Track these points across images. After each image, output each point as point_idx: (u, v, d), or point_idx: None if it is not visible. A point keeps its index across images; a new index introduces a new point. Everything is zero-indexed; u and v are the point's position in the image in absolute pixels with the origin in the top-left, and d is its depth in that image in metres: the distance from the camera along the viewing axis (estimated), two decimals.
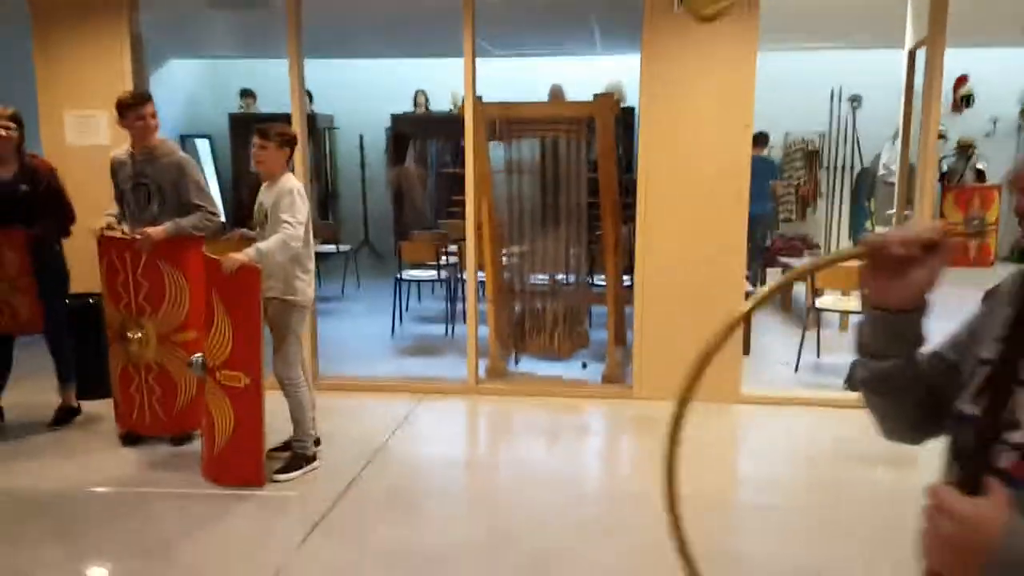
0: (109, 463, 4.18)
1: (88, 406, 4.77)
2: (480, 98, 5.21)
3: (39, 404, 4.73)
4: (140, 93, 4.27)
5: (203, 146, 9.98)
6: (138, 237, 4.08)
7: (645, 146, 4.90)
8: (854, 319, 5.61)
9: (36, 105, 5.31)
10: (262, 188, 3.99)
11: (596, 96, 5.16)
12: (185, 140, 9.63)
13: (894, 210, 5.84)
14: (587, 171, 5.41)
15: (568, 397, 5.26)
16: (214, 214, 4.20)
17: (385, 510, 3.72)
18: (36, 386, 4.89)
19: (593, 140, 5.34)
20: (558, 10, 6.01)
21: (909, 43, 5.30)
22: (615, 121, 5.28)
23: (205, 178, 4.41)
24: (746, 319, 4.49)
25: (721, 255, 4.86)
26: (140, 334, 4.26)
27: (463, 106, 5.20)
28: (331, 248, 8.57)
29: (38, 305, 4.42)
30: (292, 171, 4.03)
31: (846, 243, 9.58)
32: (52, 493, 3.82)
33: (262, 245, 3.73)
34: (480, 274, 5.67)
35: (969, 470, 0.91)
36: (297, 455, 4.06)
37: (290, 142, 3.93)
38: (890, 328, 1.10)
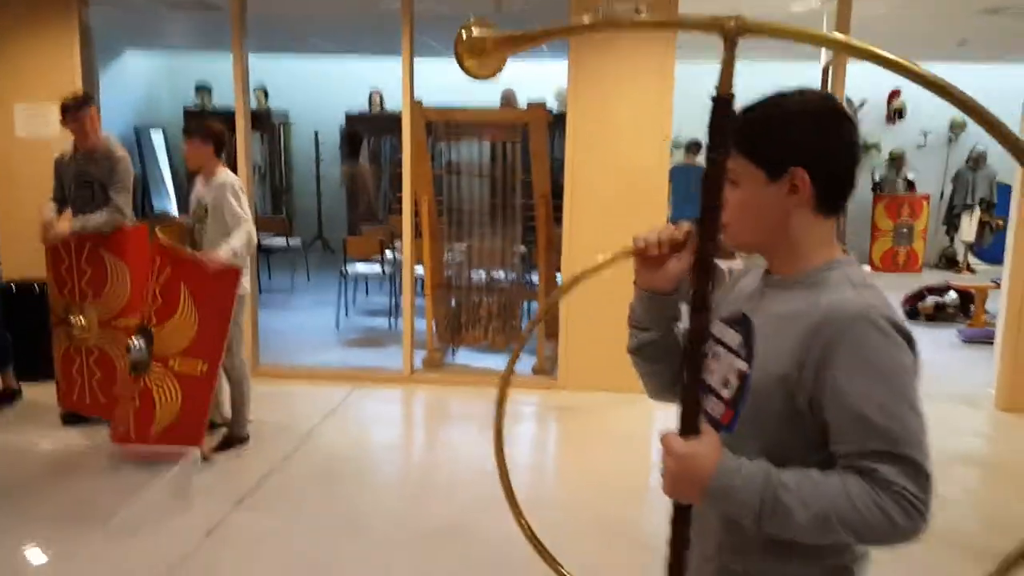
0: (49, 438, 4.38)
1: (32, 390, 4.94)
2: (420, 101, 5.48)
3: None
4: (80, 96, 4.37)
5: (157, 138, 10.10)
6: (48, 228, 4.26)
7: (572, 151, 5.19)
8: None
9: None
10: (197, 182, 4.21)
11: (529, 104, 5.45)
12: (140, 132, 9.76)
13: None
14: (522, 174, 5.70)
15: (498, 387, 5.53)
16: (122, 213, 4.29)
17: (311, 485, 3.98)
18: None
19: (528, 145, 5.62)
20: (499, 15, 6.29)
21: (823, 60, 5.65)
22: (556, 127, 5.58)
23: (135, 179, 4.51)
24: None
25: None
26: (82, 318, 4.46)
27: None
28: (282, 242, 8.74)
29: None
30: (228, 166, 4.24)
31: None
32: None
33: (235, 244, 3.93)
34: (421, 269, 5.93)
35: (687, 418, 1.19)
36: (232, 435, 4.29)
37: (213, 136, 4.11)
38: (653, 306, 1.38)
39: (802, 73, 6.35)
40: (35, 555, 3.37)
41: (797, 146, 1.19)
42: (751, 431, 1.21)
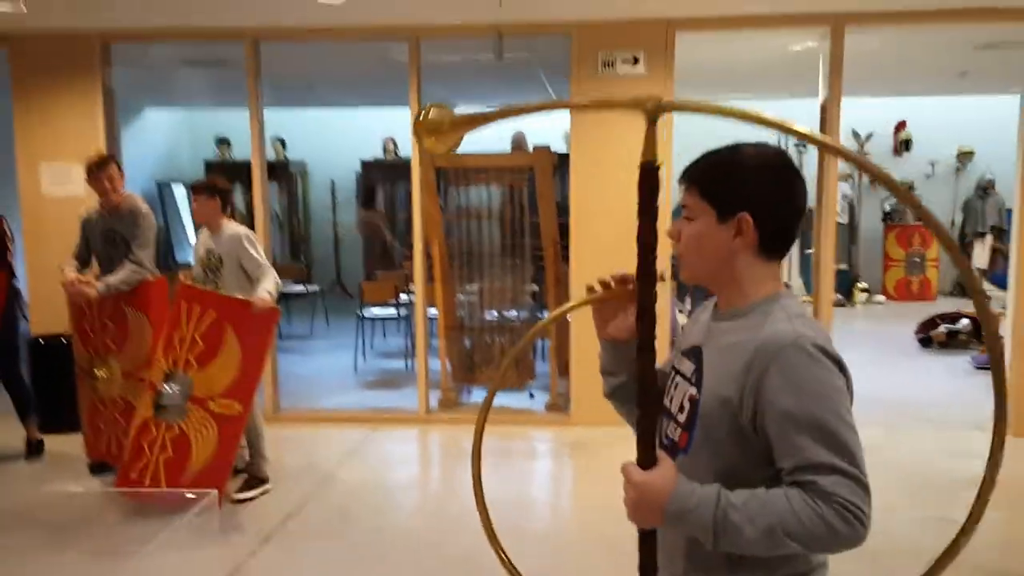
0: (77, 486, 4.54)
1: (60, 441, 5.09)
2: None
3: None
4: (102, 157, 4.56)
5: (179, 192, 10.39)
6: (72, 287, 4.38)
7: (576, 192, 5.34)
8: None
9: (14, 156, 5.68)
10: (204, 236, 4.40)
11: (535, 148, 5.62)
12: (162, 186, 10.04)
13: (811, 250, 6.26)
14: (531, 215, 5.86)
15: (513, 425, 5.63)
16: (143, 266, 4.45)
17: (330, 526, 4.08)
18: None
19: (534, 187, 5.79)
20: (505, 66, 6.49)
21: (821, 97, 5.78)
22: (563, 169, 5.75)
23: (158, 232, 4.65)
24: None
25: None
26: (106, 371, 4.62)
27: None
28: (300, 288, 8.93)
29: None
30: (235, 217, 4.45)
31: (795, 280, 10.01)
32: (28, 508, 4.19)
33: (269, 287, 4.14)
34: (434, 311, 6.07)
35: (643, 449, 1.30)
36: (253, 477, 4.42)
37: (219, 192, 4.33)
38: (617, 354, 1.51)
39: (801, 108, 6.46)
40: None
41: (749, 194, 1.32)
42: (704, 451, 1.32)
